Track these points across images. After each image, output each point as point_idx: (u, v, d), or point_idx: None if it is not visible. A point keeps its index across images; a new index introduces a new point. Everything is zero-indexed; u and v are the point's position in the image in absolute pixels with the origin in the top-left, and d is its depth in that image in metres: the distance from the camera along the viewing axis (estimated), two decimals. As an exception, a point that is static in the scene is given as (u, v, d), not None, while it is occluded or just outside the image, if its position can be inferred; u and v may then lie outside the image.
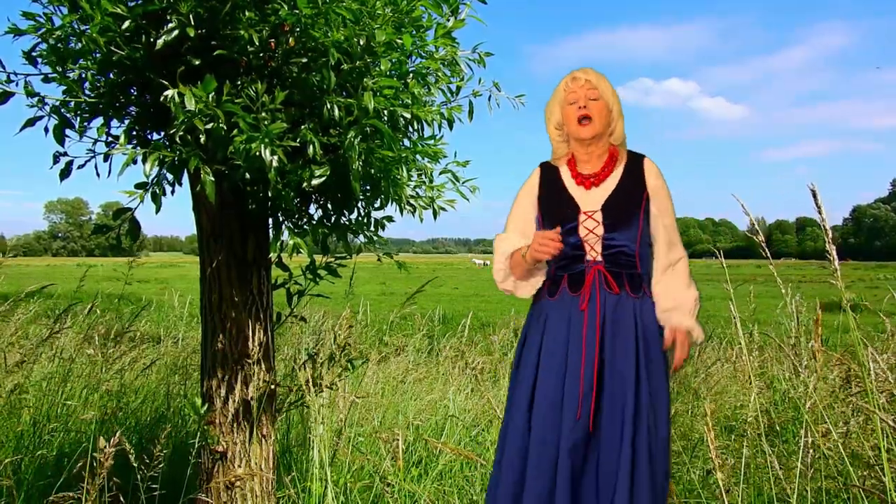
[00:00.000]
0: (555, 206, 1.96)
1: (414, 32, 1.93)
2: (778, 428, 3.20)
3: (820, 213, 1.87)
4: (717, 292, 3.56)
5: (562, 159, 2.02)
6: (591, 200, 1.92)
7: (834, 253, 1.90)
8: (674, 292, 1.91)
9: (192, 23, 1.66)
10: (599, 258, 1.88)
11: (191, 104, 1.57)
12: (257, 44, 1.69)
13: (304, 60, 1.79)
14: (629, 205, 1.90)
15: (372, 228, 2.22)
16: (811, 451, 2.32)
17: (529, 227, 1.99)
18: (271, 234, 2.25)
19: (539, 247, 1.81)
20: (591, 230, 1.89)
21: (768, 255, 2.14)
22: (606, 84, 1.96)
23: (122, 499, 2.08)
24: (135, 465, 2.00)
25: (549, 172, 2.01)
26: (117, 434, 1.92)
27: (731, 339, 5.09)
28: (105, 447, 1.83)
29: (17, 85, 1.74)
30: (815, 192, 1.86)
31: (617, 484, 1.76)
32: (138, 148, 1.70)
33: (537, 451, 1.83)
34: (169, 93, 1.59)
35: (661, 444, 1.82)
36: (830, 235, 1.89)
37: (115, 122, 1.88)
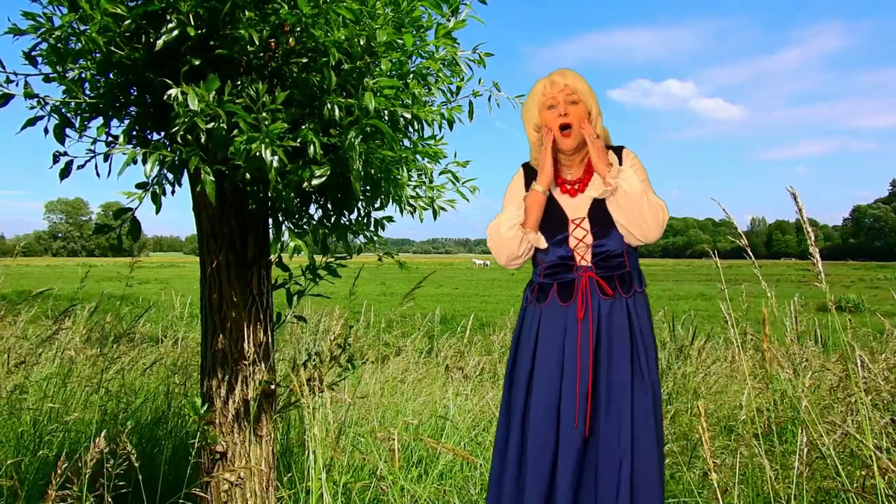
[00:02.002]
0: (543, 214, 1.94)
1: (414, 32, 1.93)
2: (774, 427, 3.20)
3: (801, 214, 1.89)
4: (716, 292, 3.56)
5: None
6: (577, 208, 1.91)
7: (817, 255, 1.92)
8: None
9: (192, 22, 1.66)
10: (590, 265, 1.88)
11: (194, 104, 1.57)
12: (257, 43, 1.69)
13: (305, 60, 1.79)
14: None
15: (372, 228, 2.22)
16: (806, 449, 2.32)
17: None
18: (271, 234, 2.25)
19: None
20: (581, 239, 1.89)
21: (750, 255, 2.18)
22: (584, 85, 1.92)
23: (107, 497, 2.07)
24: (136, 464, 2.00)
25: (532, 175, 1.97)
26: (102, 434, 1.92)
27: (728, 339, 5.09)
28: (102, 447, 1.83)
29: (17, 85, 1.74)
30: (795, 195, 1.88)
31: (619, 487, 1.75)
32: (138, 148, 1.70)
33: (535, 459, 1.82)
34: (172, 92, 1.59)
35: (659, 443, 1.82)
36: (813, 238, 1.91)
37: (115, 122, 1.87)
